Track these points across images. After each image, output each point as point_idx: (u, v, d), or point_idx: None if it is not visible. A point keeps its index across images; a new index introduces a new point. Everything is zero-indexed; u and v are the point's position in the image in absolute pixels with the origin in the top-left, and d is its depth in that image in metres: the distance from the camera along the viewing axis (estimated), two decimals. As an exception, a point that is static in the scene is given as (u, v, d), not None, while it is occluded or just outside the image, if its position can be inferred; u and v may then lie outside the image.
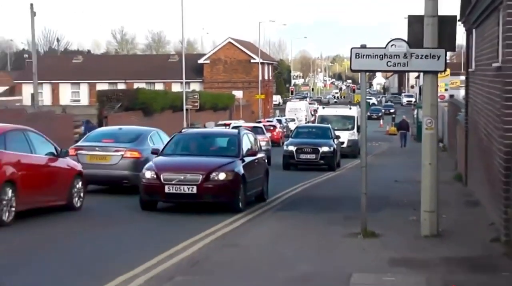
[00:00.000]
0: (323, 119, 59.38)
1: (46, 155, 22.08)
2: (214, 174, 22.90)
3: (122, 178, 28.17)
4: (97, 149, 28.43)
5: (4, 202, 19.08)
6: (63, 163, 23.12)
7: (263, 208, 24.99)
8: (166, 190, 22.61)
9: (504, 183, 16.40)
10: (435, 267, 14.97)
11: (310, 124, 70.53)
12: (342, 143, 52.90)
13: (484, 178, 21.69)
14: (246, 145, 26.15)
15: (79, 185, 23.45)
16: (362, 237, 18.26)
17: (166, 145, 26.51)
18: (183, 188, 22.61)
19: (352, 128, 58.46)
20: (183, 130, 28.31)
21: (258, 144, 29.79)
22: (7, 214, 19.19)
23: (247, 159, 25.12)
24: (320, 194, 28.68)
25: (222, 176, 23.07)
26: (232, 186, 23.27)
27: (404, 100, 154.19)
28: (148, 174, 23.17)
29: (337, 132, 51.74)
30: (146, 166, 24.14)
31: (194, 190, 22.48)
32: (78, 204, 23.29)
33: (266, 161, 29.75)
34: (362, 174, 19.18)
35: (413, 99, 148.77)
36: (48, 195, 21.70)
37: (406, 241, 17.83)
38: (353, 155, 53.64)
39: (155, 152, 26.16)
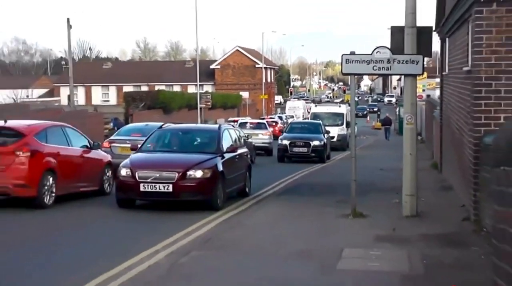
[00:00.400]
0: (315, 116, 56.43)
1: (81, 147, 22.71)
2: (191, 171, 20.05)
3: None
4: (127, 142, 28.57)
5: (46, 188, 19.77)
6: (95, 154, 23.66)
7: (267, 192, 24.85)
8: (141, 188, 19.78)
9: (473, 170, 16.40)
10: (414, 243, 15.01)
11: (302, 120, 67.27)
12: (332, 137, 50.77)
13: (456, 166, 21.66)
14: (227, 141, 23.02)
15: (109, 173, 23.90)
16: (352, 217, 18.27)
17: (145, 141, 23.15)
18: (159, 186, 19.72)
19: (342, 124, 56.13)
20: (163, 126, 24.80)
21: (241, 140, 26.48)
22: (48, 197, 19.90)
23: (228, 155, 22.13)
24: (314, 181, 28.57)
25: (199, 173, 20.17)
26: (210, 184, 20.22)
27: (386, 100, 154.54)
28: (123, 171, 20.26)
29: (327, 128, 48.95)
30: (122, 162, 21.05)
31: (170, 188, 19.64)
32: (108, 190, 23.64)
33: (248, 156, 26.31)
34: (352, 163, 19.20)
35: (393, 99, 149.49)
36: (82, 181, 22.24)
37: (390, 221, 17.79)
38: (342, 148, 52.34)
39: (134, 148, 23.10)
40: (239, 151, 23.80)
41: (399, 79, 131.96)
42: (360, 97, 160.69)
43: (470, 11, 16.84)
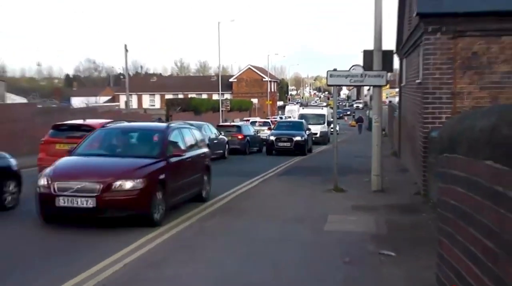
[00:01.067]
0: (302, 116, 50.62)
1: None
2: (119, 181, 12.65)
3: None
4: None
5: None
6: None
7: (271, 173, 24.41)
8: (58, 203, 12.47)
9: (423, 157, 16.32)
10: (380, 210, 14.93)
11: (288, 119, 60.54)
12: (316, 133, 46.62)
13: (410, 154, 21.60)
14: (175, 143, 15.46)
15: None
16: (334, 192, 18.21)
17: (82, 142, 15.27)
18: (79, 201, 12.45)
19: (323, 123, 51.38)
20: (107, 125, 16.90)
21: (200, 140, 17.96)
22: None
23: (174, 159, 14.53)
24: (305, 165, 28.43)
25: (129, 184, 12.68)
26: (143, 196, 12.75)
27: (355, 105, 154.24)
28: (42, 181, 12.92)
29: (312, 126, 45.59)
30: (46, 170, 13.66)
31: (92, 203, 12.38)
32: None
33: (208, 157, 17.96)
34: (334, 151, 19.19)
35: (360, 105, 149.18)
36: None
37: (362, 194, 17.75)
38: (324, 142, 48.10)
39: (69, 150, 15.14)
40: (192, 153, 16.29)
41: (369, 89, 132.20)
42: (340, 103, 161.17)
43: (421, 39, 16.76)
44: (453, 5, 15.64)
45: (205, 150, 18.07)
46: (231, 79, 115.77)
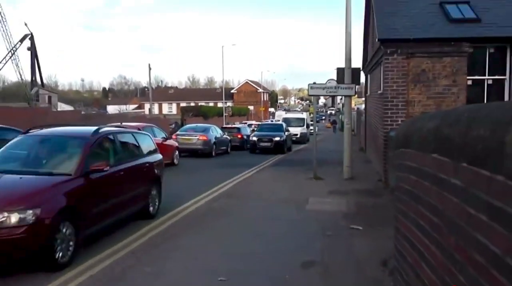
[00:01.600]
0: (285, 120, 46.68)
1: (161, 138, 22.96)
2: (1, 214, 6.88)
3: (198, 150, 28.15)
4: (186, 135, 28.73)
5: None
6: (169, 142, 24.02)
7: (264, 165, 24.28)
8: None
9: (384, 151, 16.32)
10: (350, 194, 14.89)
11: (269, 122, 53.62)
12: (296, 134, 43.51)
13: (373, 149, 21.59)
14: (101, 153, 9.63)
15: (177, 153, 24.29)
16: (314, 179, 18.17)
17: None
18: None
19: (303, 125, 47.38)
20: (31, 130, 10.14)
21: (141, 146, 11.81)
22: None
23: (97, 175, 8.75)
24: (290, 159, 28.39)
25: (14, 218, 6.87)
26: (37, 233, 7.04)
27: (328, 112, 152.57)
28: None
29: (293, 128, 42.96)
30: None
31: None
32: (176, 162, 23.99)
33: (155, 165, 12.13)
34: (314, 147, 19.16)
35: (333, 111, 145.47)
36: (163, 158, 22.05)
37: (336, 181, 17.70)
38: (303, 142, 44.46)
39: None
40: (131, 164, 10.58)
41: (341, 99, 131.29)
42: (319, 110, 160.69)
43: (381, 59, 16.77)
44: (406, 33, 15.76)
45: (154, 157, 12.28)
46: (232, 91, 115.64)
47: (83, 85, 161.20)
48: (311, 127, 56.39)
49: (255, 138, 32.66)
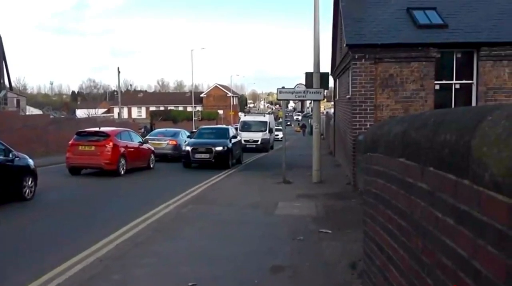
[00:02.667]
0: (244, 123, 41.27)
1: (138, 142, 23.20)
2: None
3: (168, 154, 28.14)
4: (155, 139, 28.66)
5: (121, 165, 20.90)
6: (145, 146, 24.17)
7: (234, 168, 24.27)
8: None
9: (352, 155, 16.42)
10: (319, 198, 14.92)
11: (212, 126, 42.49)
12: (256, 141, 38.29)
13: (342, 153, 21.71)
14: None
15: (153, 157, 24.45)
16: (283, 183, 18.17)
17: None
18: None
19: (265, 130, 40.14)
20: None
21: None
22: (122, 170, 21.00)
23: None
24: (259, 163, 28.38)
25: None
26: None
27: (295, 118, 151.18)
28: None
29: (253, 133, 38.65)
30: None
31: None
32: (152, 166, 24.19)
33: None
34: (283, 151, 19.18)
35: (299, 117, 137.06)
36: (139, 162, 22.93)
37: (305, 185, 17.73)
38: (265, 150, 38.37)
39: None
40: None
41: (311, 103, 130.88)
42: (288, 114, 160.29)
43: (350, 64, 16.87)
44: (373, 38, 15.93)
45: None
46: (202, 95, 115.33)
47: (52, 88, 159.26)
48: (277, 133, 55.42)
49: (189, 148, 24.27)
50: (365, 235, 5.19)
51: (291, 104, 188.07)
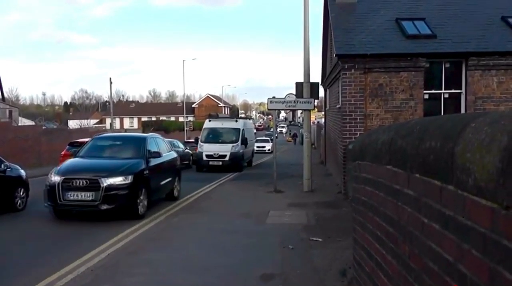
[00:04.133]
0: (208, 132, 30.90)
1: None
2: None
3: None
4: None
5: None
6: None
7: (225, 178, 24.22)
8: None
9: (343, 164, 16.46)
10: (310, 207, 14.90)
11: (118, 134, 24.44)
12: (224, 156, 28.74)
13: (333, 162, 21.75)
14: None
15: None
16: (274, 193, 18.16)
17: None
18: None
19: (236, 140, 30.00)
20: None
21: None
22: None
23: None
24: (249, 174, 28.38)
25: None
26: None
27: (278, 130, 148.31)
28: None
29: (218, 145, 29.28)
30: None
31: None
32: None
33: None
34: (274, 161, 19.13)
35: (284, 129, 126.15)
36: None
37: (296, 194, 17.71)
38: (237, 167, 28.84)
39: None
40: None
41: (302, 112, 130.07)
42: (278, 124, 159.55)
43: (339, 73, 16.95)
44: (363, 48, 16.04)
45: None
46: (193, 105, 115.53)
47: (44, 99, 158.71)
48: (264, 144, 53.41)
49: (55, 180, 12.78)
50: (355, 242, 5.21)
51: (283, 114, 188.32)
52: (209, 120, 32.50)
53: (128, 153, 14.42)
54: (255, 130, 47.95)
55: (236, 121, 32.53)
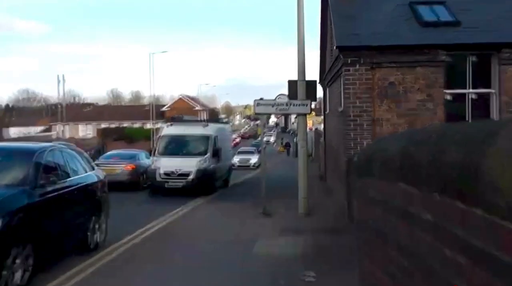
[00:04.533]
0: (168, 141, 27.97)
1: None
2: None
3: (124, 181, 27.54)
4: (108, 164, 28.11)
5: None
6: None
7: (200, 200, 24.16)
8: None
9: (347, 180, 16.38)
10: (306, 232, 15.01)
11: None
12: (187, 174, 25.76)
13: (335, 177, 21.79)
14: None
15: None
16: (263, 215, 18.16)
17: None
18: None
19: (205, 152, 26.93)
20: None
21: None
22: None
23: None
24: (231, 193, 28.31)
25: None
26: None
27: (265, 139, 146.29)
28: None
29: (182, 160, 26.27)
30: None
31: None
32: None
33: None
34: (263, 177, 19.13)
35: (271, 139, 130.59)
36: None
37: (289, 217, 17.77)
38: (206, 189, 25.54)
39: None
40: None
41: (296, 117, 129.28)
42: (266, 132, 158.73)
43: (341, 69, 16.98)
44: (369, 39, 16.07)
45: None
46: (164, 109, 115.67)
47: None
48: (249, 157, 52.93)
49: None
50: (360, 277, 5.16)
51: (273, 119, 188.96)
52: (169, 125, 29.83)
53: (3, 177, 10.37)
54: (237, 139, 45.94)
55: (206, 126, 29.35)
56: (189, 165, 25.90)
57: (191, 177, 25.76)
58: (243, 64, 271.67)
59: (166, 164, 26.11)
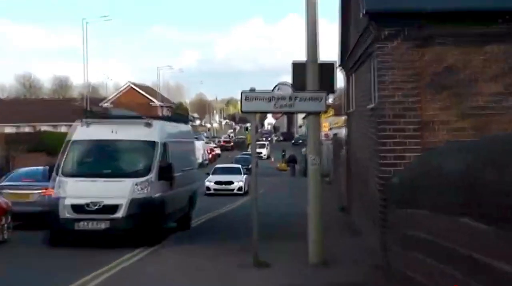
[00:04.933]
0: (83, 151, 24.74)
1: None
2: None
3: (41, 213, 24.91)
4: (17, 188, 27.77)
5: None
6: None
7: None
8: None
9: (381, 212, 16.30)
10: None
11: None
12: (113, 207, 21.96)
13: (364, 208, 21.68)
14: None
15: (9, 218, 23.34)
16: (254, 267, 17.88)
17: None
18: None
19: (147, 171, 23.02)
20: None
21: None
22: None
23: None
24: (209, 230, 28.30)
25: None
26: None
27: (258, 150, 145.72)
28: None
29: (106, 184, 22.70)
30: None
31: None
32: (6, 237, 22.91)
33: None
34: (253, 207, 19.09)
35: (263, 151, 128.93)
36: None
37: (294, 270, 17.42)
38: (145, 236, 22.23)
39: None
40: None
41: (304, 118, 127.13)
42: (259, 139, 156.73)
43: (373, 47, 16.98)
44: (414, 1, 16.06)
45: None
46: (103, 103, 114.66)
47: None
48: (232, 179, 49.95)
49: None
50: None
51: (269, 121, 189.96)
52: (85, 124, 24.96)
53: None
54: (215, 150, 42.01)
55: (150, 125, 24.42)
56: (117, 192, 22.57)
57: (120, 212, 22.28)
58: (223, 39, 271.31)
59: (76, 191, 22.69)
